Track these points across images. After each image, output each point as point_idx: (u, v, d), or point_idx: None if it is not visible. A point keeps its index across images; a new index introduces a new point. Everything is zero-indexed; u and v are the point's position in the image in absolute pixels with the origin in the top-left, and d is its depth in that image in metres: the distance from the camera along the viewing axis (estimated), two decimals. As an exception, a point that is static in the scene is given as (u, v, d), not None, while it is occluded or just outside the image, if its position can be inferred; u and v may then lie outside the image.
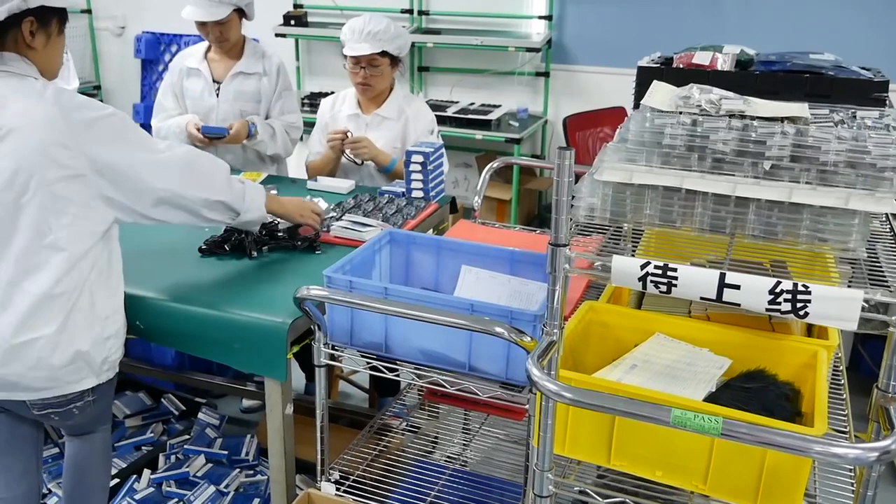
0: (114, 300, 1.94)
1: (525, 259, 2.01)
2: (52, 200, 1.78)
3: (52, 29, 1.89)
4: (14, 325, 1.80)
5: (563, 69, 4.89)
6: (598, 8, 4.72)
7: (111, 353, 1.94)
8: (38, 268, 1.80)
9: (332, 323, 1.85)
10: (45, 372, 1.84)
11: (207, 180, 1.99)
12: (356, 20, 2.88)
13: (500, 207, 4.79)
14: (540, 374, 1.29)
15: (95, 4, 5.88)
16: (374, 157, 2.91)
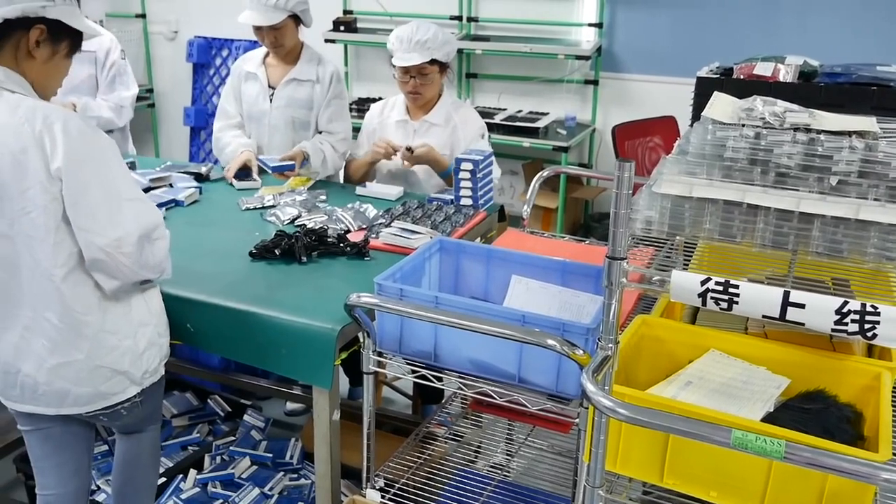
0: (142, 309, 1.92)
1: (576, 270, 1.98)
2: (32, 226, 1.73)
3: (61, 48, 1.82)
4: (48, 349, 1.82)
5: (613, 77, 4.84)
6: (649, 16, 4.67)
7: (150, 364, 1.94)
8: (43, 297, 1.79)
9: (381, 330, 1.84)
10: (88, 389, 1.87)
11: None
12: (403, 29, 2.88)
13: (545, 216, 4.76)
14: (595, 389, 1.27)
15: (150, 9, 5.99)
16: (434, 160, 2.90)
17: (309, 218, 2.54)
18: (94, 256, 1.75)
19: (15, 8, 1.70)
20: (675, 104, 4.48)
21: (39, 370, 1.84)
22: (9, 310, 1.81)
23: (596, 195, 4.93)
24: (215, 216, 2.63)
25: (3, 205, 1.72)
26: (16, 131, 1.69)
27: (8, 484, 2.95)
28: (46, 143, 1.69)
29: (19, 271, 1.77)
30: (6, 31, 1.73)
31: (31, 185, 1.70)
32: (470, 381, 1.81)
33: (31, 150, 1.69)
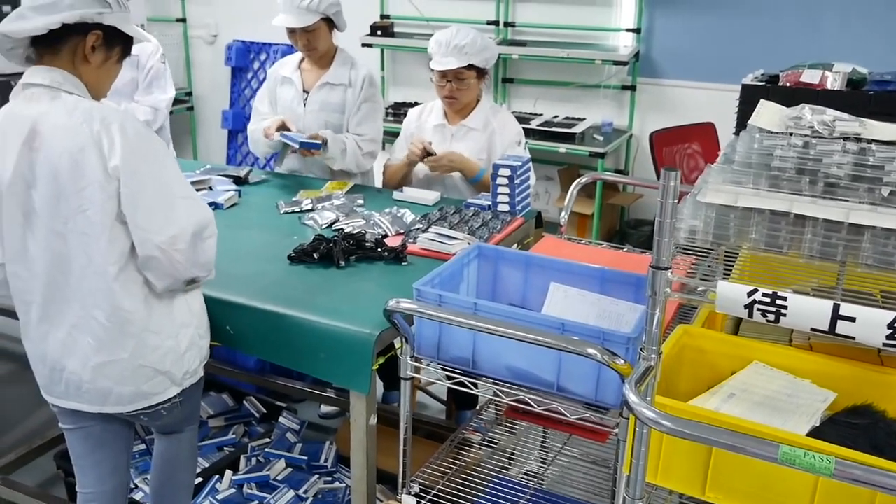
0: (184, 310, 1.94)
1: (615, 278, 1.96)
2: (87, 224, 1.77)
3: (114, 53, 1.88)
4: (94, 347, 1.85)
5: (651, 83, 4.80)
6: (688, 21, 4.63)
7: (191, 364, 1.97)
8: (94, 294, 1.82)
9: (419, 336, 1.84)
10: (130, 388, 1.89)
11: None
12: (443, 33, 2.88)
13: (581, 222, 4.73)
14: (638, 400, 1.26)
15: (190, 13, 6.06)
16: (462, 168, 2.90)
17: (347, 222, 2.55)
18: (149, 254, 1.78)
19: (74, 13, 1.75)
20: (715, 110, 4.43)
21: (84, 368, 1.86)
22: (58, 307, 1.85)
23: (632, 201, 4.89)
24: (254, 219, 2.65)
25: (60, 203, 1.76)
26: (74, 132, 1.73)
27: (48, 480, 2.99)
28: (104, 143, 1.73)
29: (71, 269, 1.81)
30: (65, 35, 1.78)
31: (89, 183, 1.73)
32: (507, 388, 1.80)
33: (88, 149, 1.72)
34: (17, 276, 1.88)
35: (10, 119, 1.79)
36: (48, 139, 1.74)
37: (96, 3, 1.78)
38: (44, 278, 1.83)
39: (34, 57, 1.82)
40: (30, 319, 1.90)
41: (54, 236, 1.79)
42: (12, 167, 1.77)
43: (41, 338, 1.90)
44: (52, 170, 1.74)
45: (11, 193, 1.79)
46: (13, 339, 3.85)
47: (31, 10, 1.75)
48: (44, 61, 1.80)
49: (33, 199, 1.78)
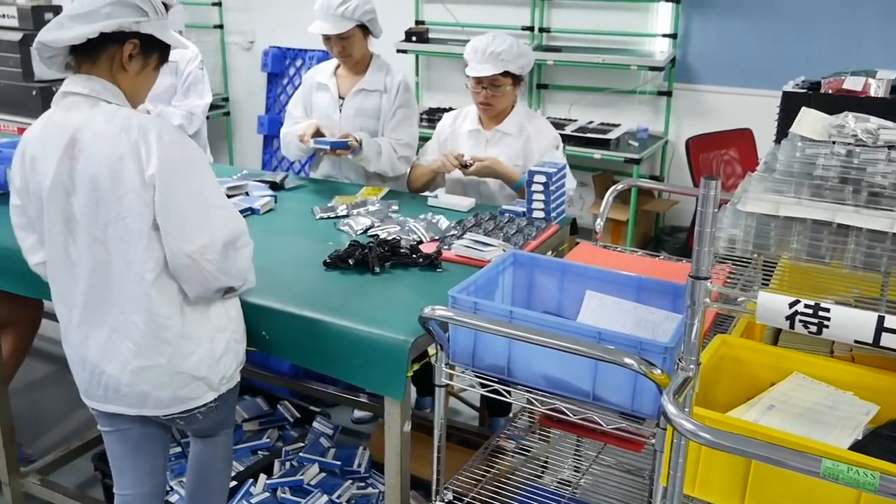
0: (221, 316, 1.95)
1: (652, 287, 1.94)
2: (126, 231, 1.79)
3: (151, 61, 1.89)
4: (132, 352, 1.87)
5: (687, 88, 4.76)
6: (725, 26, 4.58)
7: (227, 370, 1.98)
8: (132, 300, 1.84)
9: (454, 343, 1.84)
10: (167, 392, 1.91)
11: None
12: (479, 40, 2.88)
13: (616, 228, 4.70)
14: (677, 411, 1.24)
15: (227, 20, 6.14)
16: (501, 173, 2.90)
17: (382, 228, 2.56)
18: (180, 262, 1.80)
19: (112, 23, 1.77)
20: (752, 116, 4.38)
21: (123, 371, 1.89)
22: (99, 312, 1.87)
23: (667, 208, 4.84)
24: (290, 225, 2.66)
25: (100, 211, 1.78)
26: (113, 140, 1.75)
27: (86, 481, 3.04)
28: (142, 151, 1.75)
29: (111, 275, 1.83)
30: (103, 44, 1.80)
31: (127, 191, 1.76)
32: (542, 396, 1.79)
33: (127, 157, 1.75)
34: (59, 281, 1.92)
35: (51, 127, 1.83)
36: (87, 147, 1.77)
37: (133, 11, 1.80)
38: (85, 283, 1.86)
39: (73, 64, 1.84)
40: (71, 323, 1.93)
41: (95, 243, 1.82)
42: (52, 175, 1.80)
43: (81, 341, 1.93)
44: (92, 178, 1.77)
45: (52, 200, 1.82)
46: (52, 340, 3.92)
47: (69, 19, 1.78)
48: (82, 69, 1.83)
49: (73, 206, 1.81)
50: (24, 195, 1.89)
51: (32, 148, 1.84)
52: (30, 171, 1.85)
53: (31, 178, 1.85)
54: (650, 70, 4.68)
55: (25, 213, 1.93)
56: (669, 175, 4.89)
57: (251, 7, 6.04)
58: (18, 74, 4.77)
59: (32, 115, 4.78)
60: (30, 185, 1.86)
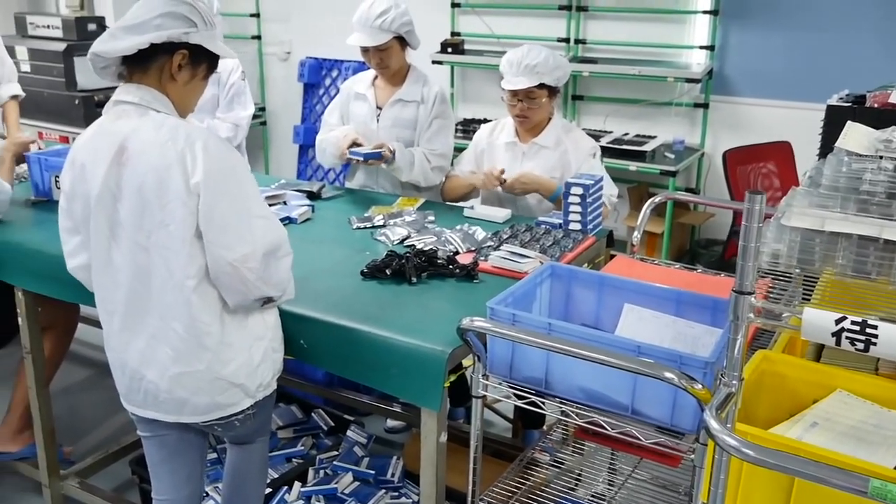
0: (259, 324, 1.97)
1: (691, 301, 1.93)
2: (169, 238, 1.82)
3: (199, 71, 1.94)
4: (172, 358, 1.90)
5: (724, 100, 4.72)
6: (764, 38, 4.54)
7: (264, 377, 2.00)
8: (173, 306, 1.86)
9: (492, 355, 1.84)
10: (205, 399, 1.93)
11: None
12: (515, 52, 2.88)
13: (651, 241, 4.66)
14: (720, 427, 1.23)
15: (265, 31, 6.22)
16: (538, 188, 2.90)
17: (418, 238, 2.57)
18: (221, 270, 1.83)
19: (162, 34, 1.81)
20: (791, 129, 4.34)
21: (162, 378, 1.92)
22: (139, 318, 1.90)
23: (703, 221, 4.80)
24: (327, 234, 2.69)
25: (144, 217, 1.82)
26: (161, 149, 1.79)
27: (123, 485, 3.08)
28: (188, 160, 1.78)
29: (151, 281, 1.86)
30: (153, 54, 1.84)
31: (172, 199, 1.79)
32: (580, 409, 1.78)
33: (174, 166, 1.78)
34: (102, 286, 1.95)
35: (101, 134, 1.87)
36: (135, 155, 1.81)
37: (183, 23, 1.84)
38: (126, 289, 1.89)
39: (125, 74, 1.89)
40: (112, 329, 1.97)
41: (138, 248, 1.85)
42: (101, 181, 1.84)
43: (122, 347, 1.96)
44: (138, 185, 1.81)
45: (99, 206, 1.86)
46: (90, 345, 3.99)
47: (121, 31, 1.82)
48: (133, 79, 1.88)
49: (119, 212, 1.85)
50: (72, 199, 1.93)
51: (82, 154, 1.89)
52: (79, 176, 1.89)
53: (80, 184, 1.89)
54: (687, 82, 4.65)
55: (72, 217, 1.97)
56: (705, 188, 4.84)
57: (289, 18, 6.11)
58: (62, 84, 4.87)
59: (74, 124, 4.89)
60: (77, 190, 1.90)
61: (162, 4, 1.83)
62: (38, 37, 5.06)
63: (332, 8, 5.48)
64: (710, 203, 4.51)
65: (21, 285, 2.58)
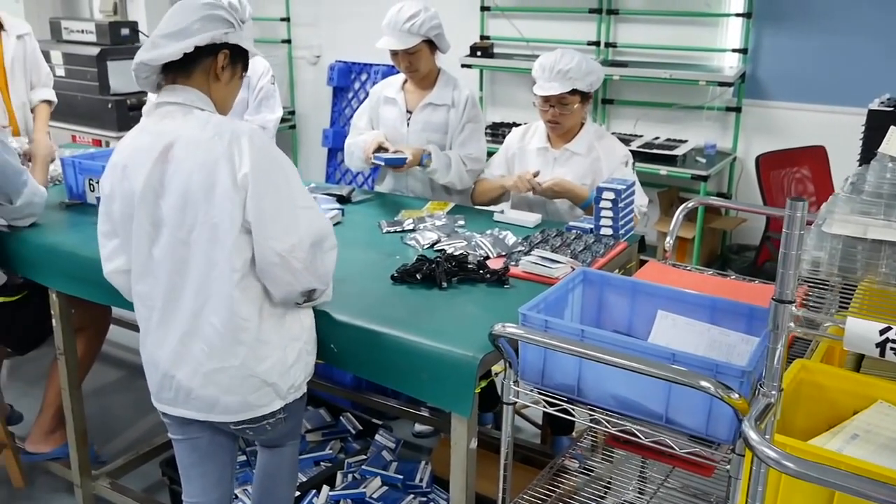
0: (295, 324, 1.99)
1: (727, 308, 1.90)
2: (214, 233, 1.84)
3: (237, 70, 1.99)
4: (206, 354, 1.91)
5: (757, 104, 4.66)
6: (799, 41, 4.47)
7: (296, 379, 2.00)
8: (212, 300, 1.88)
9: (524, 361, 1.82)
10: (237, 397, 1.94)
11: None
12: (547, 57, 2.86)
13: (681, 245, 4.62)
14: (759, 438, 1.21)
15: (295, 34, 6.25)
16: (569, 195, 2.87)
17: (448, 243, 2.56)
18: (270, 261, 1.85)
19: (205, 36, 1.86)
20: (825, 133, 4.27)
21: (195, 375, 1.92)
22: (176, 313, 1.92)
23: (735, 226, 4.74)
24: (357, 238, 2.68)
25: (187, 213, 1.84)
26: (207, 146, 1.82)
27: (153, 486, 3.10)
28: (235, 155, 1.82)
29: (189, 277, 1.89)
30: (196, 57, 1.89)
31: (218, 194, 1.82)
32: (613, 417, 1.76)
33: (221, 161, 1.81)
34: (143, 284, 1.97)
35: (144, 135, 1.91)
36: (181, 152, 1.84)
37: (222, 24, 1.88)
38: (165, 284, 1.91)
39: (164, 83, 1.93)
40: (150, 325, 1.98)
41: (178, 244, 1.87)
42: (144, 179, 1.86)
43: (157, 343, 1.97)
44: (184, 181, 1.83)
45: (142, 203, 1.88)
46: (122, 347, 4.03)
47: (162, 38, 1.87)
48: (176, 83, 1.91)
49: (161, 208, 1.87)
50: (111, 201, 1.96)
51: (124, 157, 1.92)
52: (120, 177, 1.92)
53: (121, 184, 1.92)
54: (719, 85, 4.60)
55: (110, 220, 1.99)
56: (737, 192, 4.79)
57: (319, 22, 6.14)
58: (95, 88, 4.92)
59: (107, 127, 4.95)
60: (118, 191, 1.93)
61: (200, 8, 1.87)
62: (73, 41, 5.13)
63: (362, 12, 5.50)
64: (743, 208, 4.45)
65: (55, 287, 2.61)
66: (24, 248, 2.67)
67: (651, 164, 4.42)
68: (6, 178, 2.55)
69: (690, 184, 4.56)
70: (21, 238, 2.68)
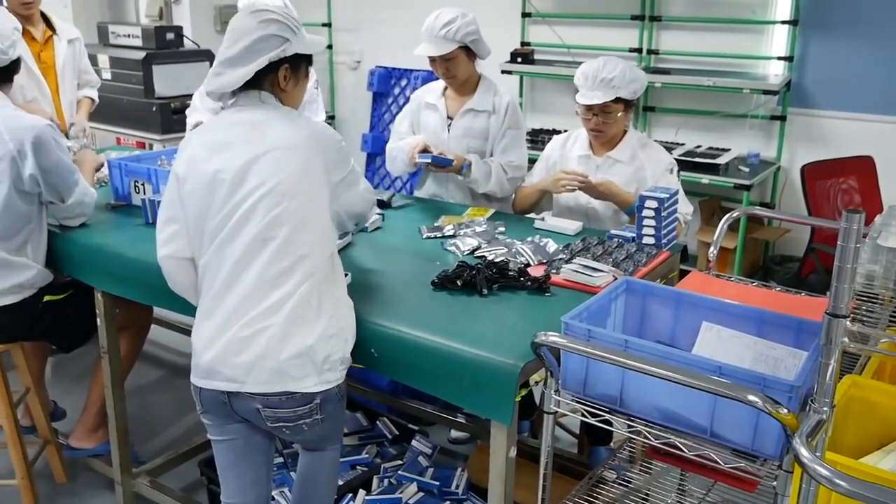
0: (337, 304, 2.02)
1: (774, 321, 1.86)
2: (301, 216, 1.93)
3: (301, 73, 2.09)
4: (252, 316, 1.92)
5: (802, 113, 4.59)
6: (847, 49, 4.39)
7: (333, 351, 1.97)
8: (283, 276, 1.93)
9: (565, 370, 1.81)
10: (271, 362, 1.91)
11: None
12: (590, 65, 2.83)
13: (722, 255, 4.55)
14: (810, 456, 1.18)
15: (336, 40, 6.30)
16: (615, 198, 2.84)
17: (489, 250, 2.55)
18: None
19: (263, 59, 1.95)
20: (873, 143, 4.19)
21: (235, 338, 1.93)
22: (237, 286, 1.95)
23: (778, 237, 4.67)
24: (398, 243, 2.69)
25: (266, 200, 1.92)
26: (297, 132, 2.00)
27: (191, 485, 3.13)
28: (321, 146, 2.02)
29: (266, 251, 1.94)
30: (259, 77, 1.99)
31: (313, 178, 1.99)
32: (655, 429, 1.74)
33: (315, 156, 1.99)
34: (209, 268, 2.00)
35: (228, 121, 2.03)
36: (271, 136, 1.96)
37: (277, 41, 1.96)
38: (235, 256, 1.95)
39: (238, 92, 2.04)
40: (206, 300, 2.01)
41: (262, 219, 1.93)
42: (239, 159, 1.94)
43: (208, 314, 1.99)
44: (269, 170, 1.93)
45: (230, 190, 1.94)
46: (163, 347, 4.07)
47: (222, 66, 1.98)
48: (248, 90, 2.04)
49: (237, 195, 1.93)
50: (183, 183, 2.01)
51: (209, 138, 2.01)
52: (194, 162, 1.99)
53: (193, 171, 1.98)
54: (763, 94, 4.54)
55: (173, 206, 2.04)
56: (781, 203, 4.72)
57: (359, 28, 6.18)
58: (140, 91, 5.00)
59: (151, 130, 5.03)
60: (190, 175, 1.99)
61: (255, 29, 1.95)
62: (119, 45, 5.22)
63: (402, 18, 5.52)
64: (789, 219, 4.37)
65: (101, 287, 2.66)
66: (71, 248, 2.72)
67: (693, 172, 4.37)
68: (60, 176, 2.61)
69: (732, 193, 4.50)
70: (68, 238, 2.73)
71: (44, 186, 2.59)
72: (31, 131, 2.53)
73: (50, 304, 2.75)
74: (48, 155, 2.56)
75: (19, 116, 2.58)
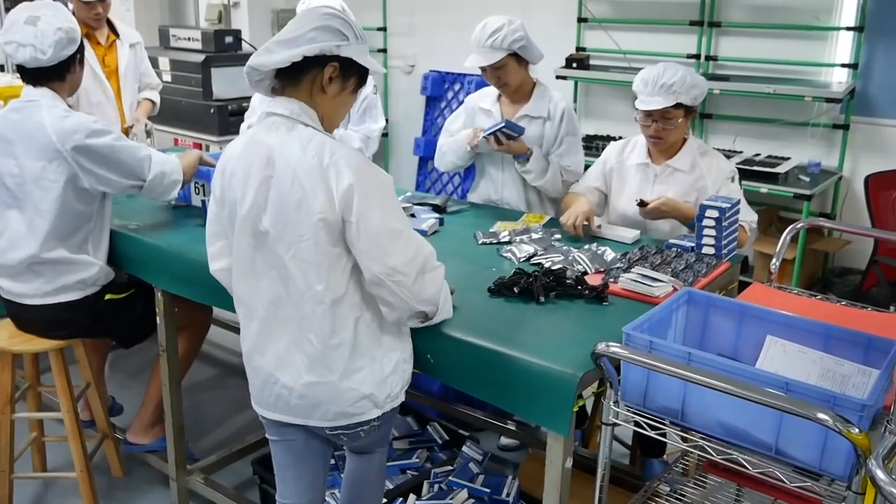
0: (388, 336, 1.99)
1: (843, 336, 1.82)
2: (309, 253, 1.85)
3: (349, 84, 1.95)
4: (306, 366, 1.93)
5: (867, 122, 4.47)
6: (915, 56, 4.28)
7: (393, 388, 2.00)
8: (308, 317, 1.90)
9: (626, 382, 1.79)
10: (335, 407, 1.96)
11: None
12: (649, 71, 2.79)
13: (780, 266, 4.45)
14: (887, 479, 1.15)
15: (391, 44, 6.33)
16: (676, 214, 2.79)
17: (545, 257, 2.53)
18: (372, 281, 1.87)
19: (314, 46, 1.84)
20: (942, 155, 4.07)
21: (296, 383, 1.95)
22: (278, 324, 1.95)
23: (839, 248, 4.56)
24: (454, 248, 2.68)
25: (287, 230, 1.86)
26: (307, 166, 1.83)
27: (244, 483, 3.17)
28: (332, 176, 1.81)
29: (290, 291, 1.91)
30: (305, 67, 1.88)
31: (315, 213, 1.82)
32: (716, 444, 1.70)
33: (319, 183, 1.81)
34: (243, 291, 2.01)
35: (252, 145, 1.93)
36: (282, 168, 1.85)
37: (335, 36, 1.86)
38: (268, 295, 1.94)
39: (278, 87, 1.94)
40: (250, 332, 2.02)
41: (279, 260, 1.89)
42: (250, 192, 1.89)
43: (259, 350, 2.01)
44: (282, 197, 1.85)
45: (245, 215, 1.91)
46: (220, 346, 4.13)
47: (276, 45, 1.87)
48: (286, 92, 1.92)
49: (263, 222, 1.89)
50: (221, 205, 2.00)
51: (233, 164, 1.95)
52: (228, 183, 1.96)
53: (228, 191, 1.95)
54: (826, 102, 4.43)
55: (220, 222, 2.04)
56: (842, 213, 4.60)
57: (414, 32, 6.20)
58: (199, 93, 5.09)
59: (209, 132, 5.11)
60: (227, 197, 1.97)
61: (316, 19, 1.87)
62: (179, 48, 5.32)
63: (456, 23, 5.50)
64: (854, 231, 4.25)
65: (160, 286, 2.71)
66: (132, 248, 2.78)
67: (751, 181, 4.28)
68: (126, 153, 2.58)
69: (791, 203, 4.41)
70: (130, 238, 2.78)
71: (115, 174, 2.58)
72: (76, 129, 2.51)
73: (112, 302, 2.81)
74: (100, 141, 2.53)
75: (68, 117, 2.55)
